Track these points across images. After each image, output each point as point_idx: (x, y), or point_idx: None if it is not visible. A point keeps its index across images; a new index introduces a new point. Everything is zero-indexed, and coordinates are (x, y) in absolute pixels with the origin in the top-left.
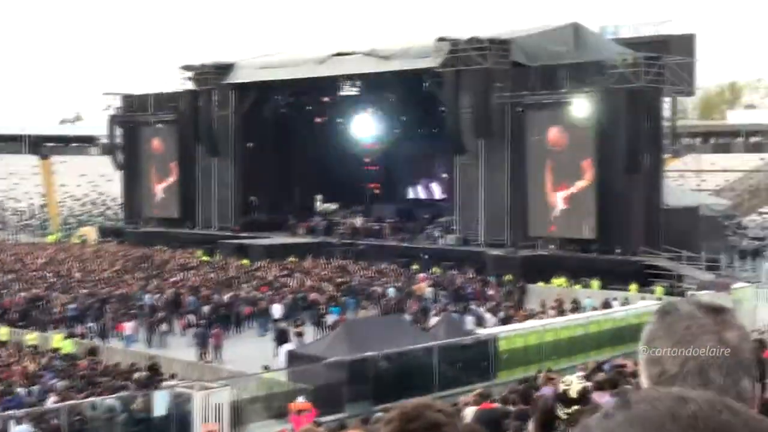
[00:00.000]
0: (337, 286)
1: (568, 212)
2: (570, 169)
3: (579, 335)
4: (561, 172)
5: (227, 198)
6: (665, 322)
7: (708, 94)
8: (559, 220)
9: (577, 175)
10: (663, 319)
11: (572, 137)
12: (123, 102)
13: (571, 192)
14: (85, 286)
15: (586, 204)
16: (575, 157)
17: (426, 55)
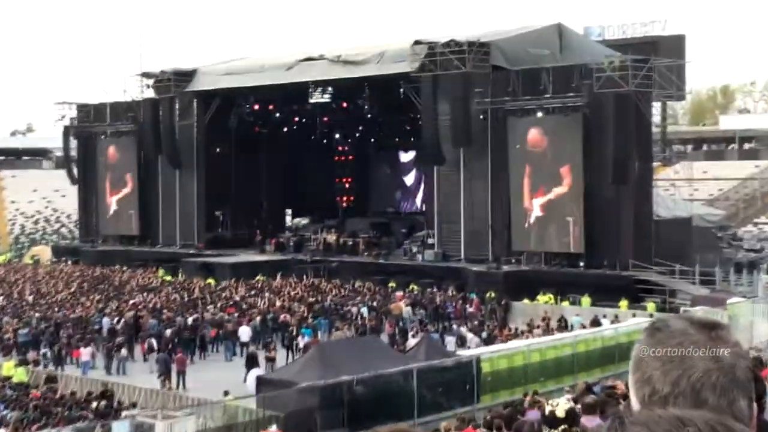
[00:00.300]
0: (309, 306)
1: (553, 224)
2: (553, 178)
3: (566, 355)
4: (544, 182)
5: (191, 213)
6: (655, 339)
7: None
8: (543, 232)
9: (560, 185)
10: (653, 336)
11: (556, 145)
12: (78, 112)
13: (553, 201)
14: (38, 309)
15: (571, 215)
16: (559, 166)
17: (401, 60)
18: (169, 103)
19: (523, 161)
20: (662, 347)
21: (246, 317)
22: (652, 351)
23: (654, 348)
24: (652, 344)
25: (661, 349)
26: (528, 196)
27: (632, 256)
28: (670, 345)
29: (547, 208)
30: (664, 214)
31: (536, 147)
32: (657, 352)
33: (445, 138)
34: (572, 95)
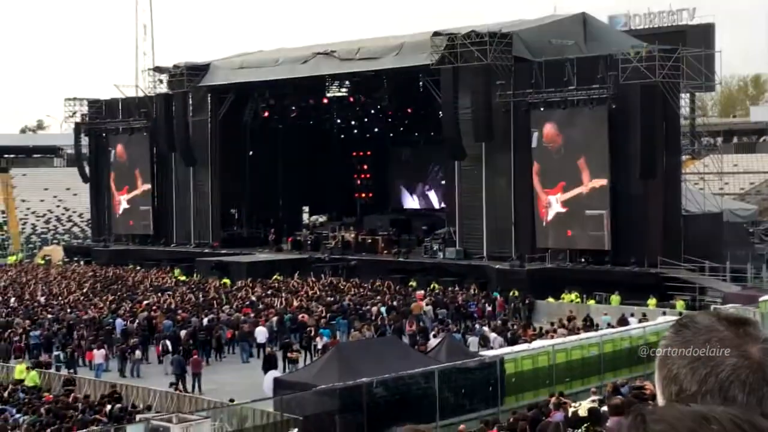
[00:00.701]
0: (327, 306)
1: (578, 220)
2: (578, 173)
3: (593, 355)
4: (568, 177)
5: (205, 211)
6: (682, 336)
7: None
8: (568, 229)
9: (585, 179)
10: (680, 332)
11: (581, 138)
12: (89, 108)
13: (578, 197)
14: (50, 310)
15: (597, 211)
16: (584, 160)
17: (420, 52)
18: (183, 99)
19: (547, 155)
20: (689, 345)
21: (262, 318)
22: (679, 348)
23: (680, 345)
24: (678, 341)
25: (689, 346)
26: (552, 191)
27: (661, 253)
28: (697, 342)
29: (571, 204)
30: (694, 209)
31: (560, 141)
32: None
33: (466, 132)
34: (597, 87)
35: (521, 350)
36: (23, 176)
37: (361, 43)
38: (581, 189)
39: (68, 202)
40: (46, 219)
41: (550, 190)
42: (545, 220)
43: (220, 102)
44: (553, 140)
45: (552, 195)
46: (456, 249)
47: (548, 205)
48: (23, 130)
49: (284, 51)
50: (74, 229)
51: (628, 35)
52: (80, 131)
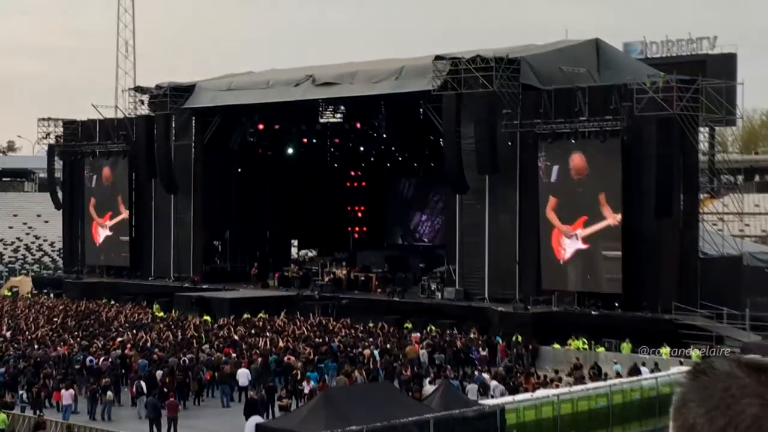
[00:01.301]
0: (316, 348)
1: (587, 261)
2: (589, 210)
3: (601, 407)
4: (578, 214)
5: (186, 242)
6: (700, 383)
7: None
8: (576, 271)
9: (596, 218)
10: (697, 379)
11: (592, 174)
12: (64, 129)
13: (588, 236)
14: (16, 346)
15: (608, 252)
16: (594, 197)
17: (422, 77)
18: (165, 121)
19: (555, 191)
20: (707, 392)
21: (245, 359)
22: (696, 396)
23: (698, 393)
24: (695, 388)
25: (706, 394)
26: (559, 230)
27: (675, 298)
28: (716, 390)
29: (580, 244)
30: (712, 251)
31: (569, 176)
32: (701, 397)
33: (469, 164)
34: (610, 118)
35: (524, 399)
36: None
37: (358, 66)
38: (593, 227)
39: (39, 230)
40: (15, 247)
41: (570, 226)
42: (558, 259)
43: (205, 126)
44: (580, 172)
45: (573, 230)
46: (455, 289)
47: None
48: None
49: (276, 73)
50: (44, 259)
51: (645, 64)
52: (54, 154)
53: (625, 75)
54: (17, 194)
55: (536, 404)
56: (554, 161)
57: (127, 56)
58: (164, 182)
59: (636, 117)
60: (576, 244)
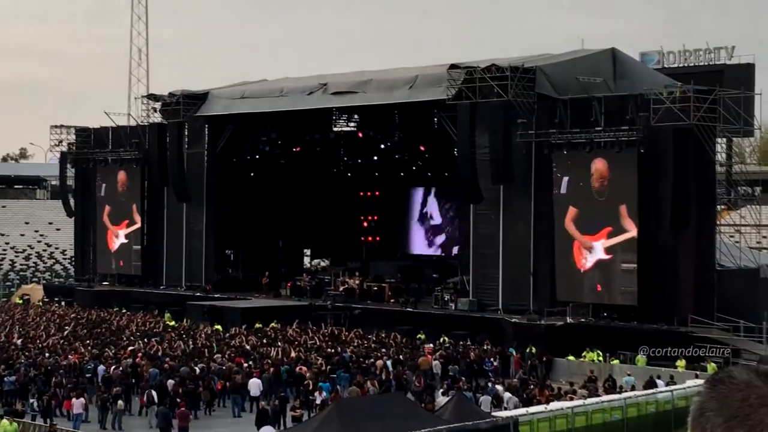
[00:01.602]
0: (328, 358)
1: (603, 273)
2: (604, 221)
3: (615, 420)
4: (593, 226)
5: (198, 251)
6: (718, 392)
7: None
8: (592, 282)
9: (611, 229)
10: (715, 388)
11: (608, 184)
12: (77, 137)
13: (603, 248)
14: (27, 354)
15: (624, 264)
16: (610, 208)
17: (436, 85)
18: (178, 129)
19: (570, 202)
20: (726, 402)
21: (257, 369)
22: (714, 405)
23: (716, 403)
24: (714, 398)
25: (725, 404)
26: (575, 241)
27: (692, 311)
28: (734, 400)
29: (596, 255)
30: (729, 263)
31: (585, 186)
32: (720, 407)
33: (483, 173)
34: (626, 128)
35: (538, 412)
36: (3, 208)
37: (372, 74)
38: (608, 238)
39: (50, 238)
40: (26, 255)
41: (591, 237)
42: (573, 271)
43: (218, 134)
44: (585, 185)
45: (595, 241)
46: (469, 300)
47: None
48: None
49: (289, 81)
50: (56, 267)
51: (661, 74)
52: (66, 161)
53: (641, 85)
54: (29, 202)
55: (550, 417)
56: (571, 171)
57: (140, 64)
58: (177, 190)
59: (653, 127)
60: (597, 254)
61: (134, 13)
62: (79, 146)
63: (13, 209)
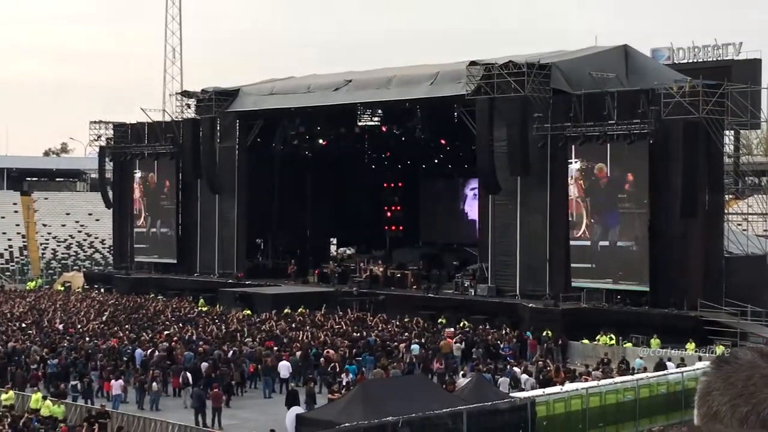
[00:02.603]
0: (354, 342)
1: (615, 260)
2: (616, 210)
3: (628, 400)
4: (606, 214)
5: (230, 240)
6: (723, 372)
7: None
8: (605, 268)
9: (623, 217)
10: (721, 369)
11: (620, 175)
12: (115, 132)
13: (616, 236)
14: (68, 339)
15: (635, 250)
16: (622, 197)
17: (456, 81)
18: (210, 124)
19: (584, 191)
20: (730, 381)
21: (286, 352)
22: (720, 385)
23: (721, 382)
24: (719, 378)
25: (729, 383)
26: (589, 229)
27: (701, 296)
28: (738, 379)
29: (609, 243)
30: (736, 250)
31: (598, 176)
32: (724, 386)
33: (501, 165)
34: (638, 122)
35: (553, 393)
36: (45, 200)
37: (395, 71)
38: (621, 226)
39: (90, 228)
40: (67, 244)
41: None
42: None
43: (249, 128)
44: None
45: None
46: (488, 286)
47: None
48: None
49: (316, 77)
50: (95, 256)
51: (672, 69)
52: (105, 155)
53: (652, 80)
54: (70, 194)
55: (565, 397)
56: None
57: (174, 62)
58: (209, 183)
59: (663, 120)
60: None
61: (168, 14)
62: (116, 141)
63: (54, 201)
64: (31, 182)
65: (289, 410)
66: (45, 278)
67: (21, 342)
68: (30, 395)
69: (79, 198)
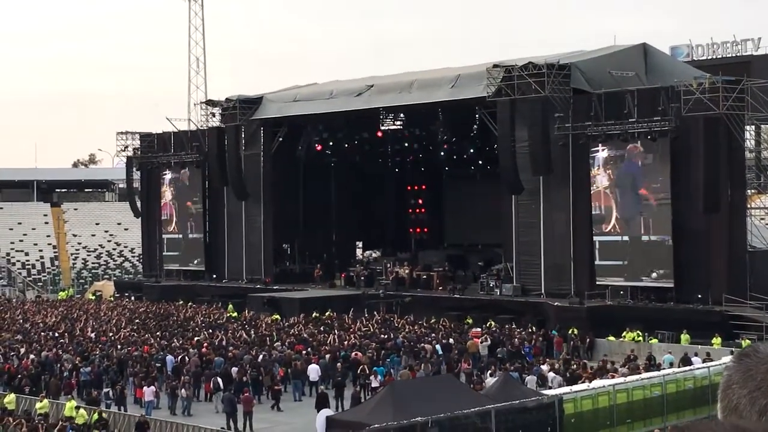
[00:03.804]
0: (381, 344)
1: (640, 256)
2: (640, 207)
3: (655, 396)
4: (630, 212)
5: (257, 246)
6: (744, 365)
7: None
8: (630, 266)
9: (647, 214)
10: (741, 362)
11: (642, 172)
12: (141, 142)
13: (640, 232)
14: (100, 347)
15: (660, 247)
16: (645, 194)
17: (477, 84)
18: (235, 132)
19: (607, 189)
20: (750, 375)
21: (315, 355)
22: (740, 378)
23: (741, 375)
24: (740, 371)
25: (749, 376)
26: (613, 227)
27: (726, 290)
28: (758, 372)
29: (633, 240)
30: (760, 245)
31: (621, 175)
32: (744, 379)
33: (524, 166)
34: (659, 119)
35: (581, 390)
36: (74, 210)
37: (416, 75)
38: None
39: (119, 237)
40: (97, 254)
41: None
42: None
43: (273, 135)
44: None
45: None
46: (513, 285)
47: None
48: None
49: (338, 83)
50: (125, 264)
51: (691, 66)
52: (132, 165)
53: (672, 77)
54: (99, 204)
55: (593, 394)
56: (606, 161)
57: (198, 72)
58: (236, 190)
59: (684, 117)
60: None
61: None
62: (143, 151)
63: (84, 211)
64: (60, 194)
65: (318, 413)
66: (76, 288)
67: (54, 351)
68: (64, 403)
69: (108, 208)
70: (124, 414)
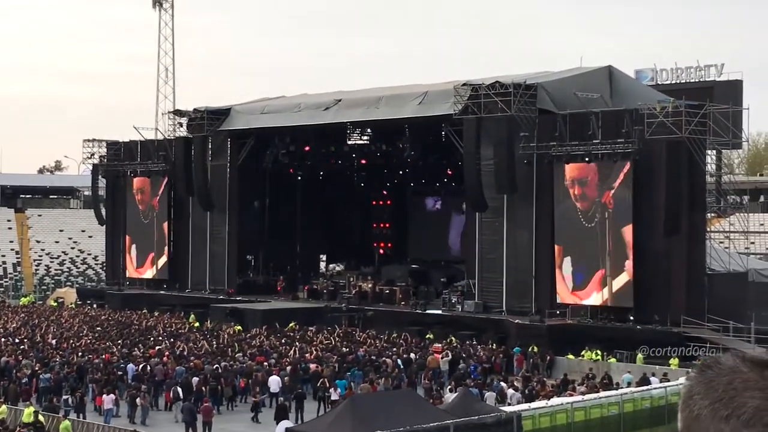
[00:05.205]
0: (343, 357)
1: (600, 276)
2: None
3: (612, 415)
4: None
5: (221, 257)
6: (705, 377)
7: (757, 147)
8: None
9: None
10: (703, 373)
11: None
12: (108, 150)
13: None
14: (61, 353)
15: (620, 267)
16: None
17: (444, 101)
18: (202, 143)
19: (569, 209)
20: (711, 386)
21: (276, 367)
22: (701, 389)
23: (703, 386)
24: (701, 382)
25: (710, 387)
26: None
27: (684, 312)
28: (720, 384)
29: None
30: (718, 267)
31: (583, 195)
32: (706, 390)
33: (488, 183)
34: (622, 141)
35: (539, 407)
36: (38, 217)
37: (384, 91)
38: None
39: (83, 244)
40: (60, 261)
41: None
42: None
43: (240, 147)
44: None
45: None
46: (475, 302)
47: None
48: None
49: (306, 97)
50: (88, 272)
51: (655, 90)
52: (98, 173)
53: (636, 100)
54: (63, 211)
55: (551, 412)
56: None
57: (167, 81)
58: (201, 200)
59: (647, 140)
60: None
61: (161, 34)
62: (109, 159)
63: (48, 218)
64: (25, 199)
65: (278, 424)
66: (38, 294)
67: (14, 357)
68: (22, 409)
69: (73, 215)
70: (83, 421)
